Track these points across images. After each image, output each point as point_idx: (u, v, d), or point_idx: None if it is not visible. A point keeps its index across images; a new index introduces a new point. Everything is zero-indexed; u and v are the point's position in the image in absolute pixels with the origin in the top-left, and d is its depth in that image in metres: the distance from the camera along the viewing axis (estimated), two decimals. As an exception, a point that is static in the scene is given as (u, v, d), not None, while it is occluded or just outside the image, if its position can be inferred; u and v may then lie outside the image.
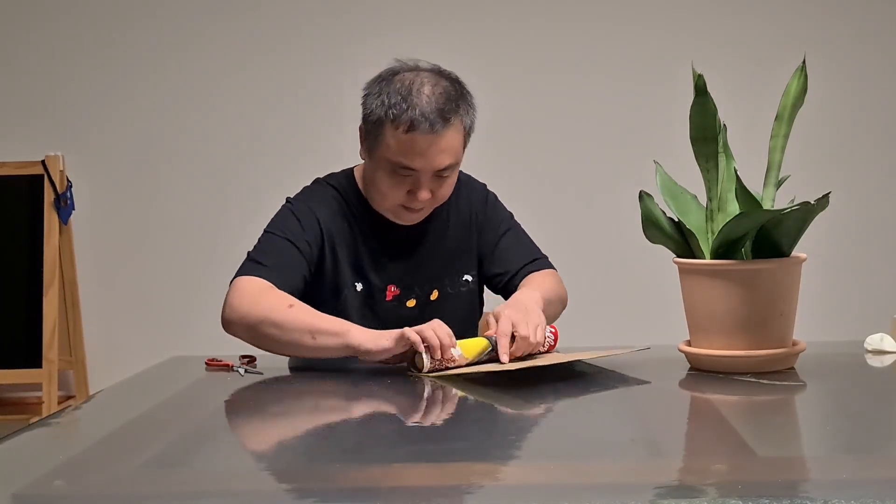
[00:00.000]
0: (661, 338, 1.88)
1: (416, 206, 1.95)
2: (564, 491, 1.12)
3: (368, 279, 2.02)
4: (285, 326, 1.81)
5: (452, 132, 1.91)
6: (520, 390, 1.60)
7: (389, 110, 1.89)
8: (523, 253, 2.14)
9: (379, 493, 1.14)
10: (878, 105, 3.54)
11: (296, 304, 1.84)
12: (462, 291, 2.10)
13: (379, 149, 1.93)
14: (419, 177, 1.92)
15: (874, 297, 3.46)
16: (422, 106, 1.88)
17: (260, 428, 1.51)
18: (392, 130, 1.89)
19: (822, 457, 1.27)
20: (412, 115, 1.87)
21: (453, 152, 1.93)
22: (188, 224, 3.59)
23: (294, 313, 1.81)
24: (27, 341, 3.42)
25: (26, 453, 1.35)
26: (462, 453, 1.29)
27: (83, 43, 3.57)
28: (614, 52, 3.54)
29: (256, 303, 1.84)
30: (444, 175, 1.94)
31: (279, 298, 1.85)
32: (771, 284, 1.62)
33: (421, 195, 1.93)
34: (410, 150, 1.89)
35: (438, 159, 1.91)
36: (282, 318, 1.81)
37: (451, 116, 1.90)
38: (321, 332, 1.79)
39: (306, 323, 1.80)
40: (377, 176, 1.96)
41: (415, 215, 2.00)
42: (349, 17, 3.54)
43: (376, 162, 1.95)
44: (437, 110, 1.88)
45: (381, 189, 1.96)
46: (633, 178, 2.19)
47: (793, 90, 1.63)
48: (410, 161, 1.90)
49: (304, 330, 1.80)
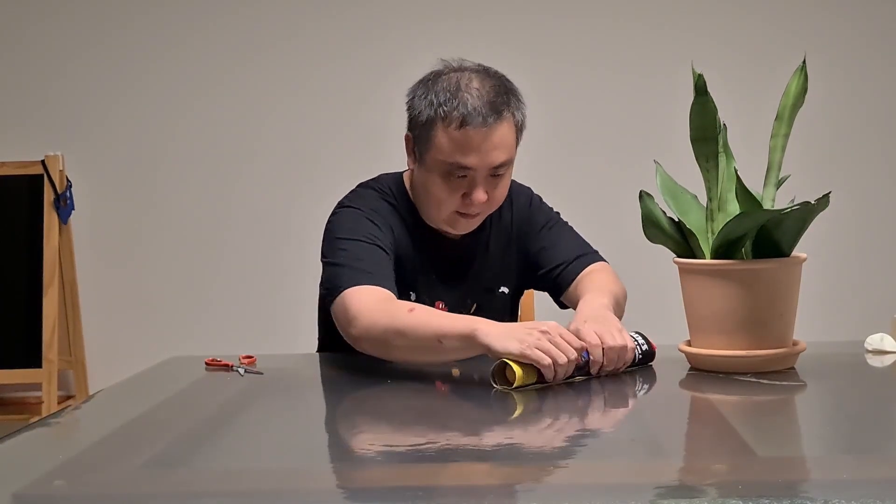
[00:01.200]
0: (661, 338, 1.88)
1: (473, 210, 1.90)
2: (564, 491, 1.12)
3: (419, 294, 1.98)
4: (410, 334, 1.71)
5: (505, 126, 1.86)
6: (520, 391, 1.60)
7: (439, 108, 1.84)
8: (571, 247, 2.07)
9: (379, 493, 1.14)
10: (878, 105, 3.54)
11: (416, 308, 1.74)
12: (497, 304, 2.06)
13: (430, 151, 1.87)
14: (475, 176, 1.86)
15: (874, 297, 3.46)
16: (472, 101, 1.83)
17: (260, 428, 1.51)
18: (443, 129, 1.84)
19: (822, 457, 1.27)
20: (463, 111, 1.82)
21: (507, 148, 1.87)
22: (188, 224, 3.59)
23: (414, 318, 1.71)
24: (27, 341, 3.42)
25: (26, 453, 1.35)
26: (462, 453, 1.29)
27: (83, 43, 3.57)
28: (614, 51, 3.54)
29: (380, 312, 1.75)
30: (500, 173, 1.88)
31: (398, 305, 1.76)
32: (771, 284, 1.62)
33: (477, 196, 1.87)
34: (464, 147, 1.83)
35: (493, 155, 1.85)
36: (404, 325, 1.71)
37: (503, 109, 1.86)
38: (447, 335, 1.67)
39: (431, 326, 1.69)
40: (430, 182, 1.90)
41: (471, 222, 1.94)
42: (350, 16, 3.53)
43: (429, 167, 1.89)
44: (488, 104, 1.83)
45: (436, 195, 1.90)
46: (633, 178, 2.19)
47: (793, 90, 1.63)
48: (465, 159, 1.84)
49: (429, 333, 1.69)
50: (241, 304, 3.57)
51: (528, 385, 1.61)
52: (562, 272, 2.05)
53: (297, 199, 3.52)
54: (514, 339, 1.60)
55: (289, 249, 3.53)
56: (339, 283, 1.82)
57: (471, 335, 1.65)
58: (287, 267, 3.53)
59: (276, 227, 3.57)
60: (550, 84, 3.54)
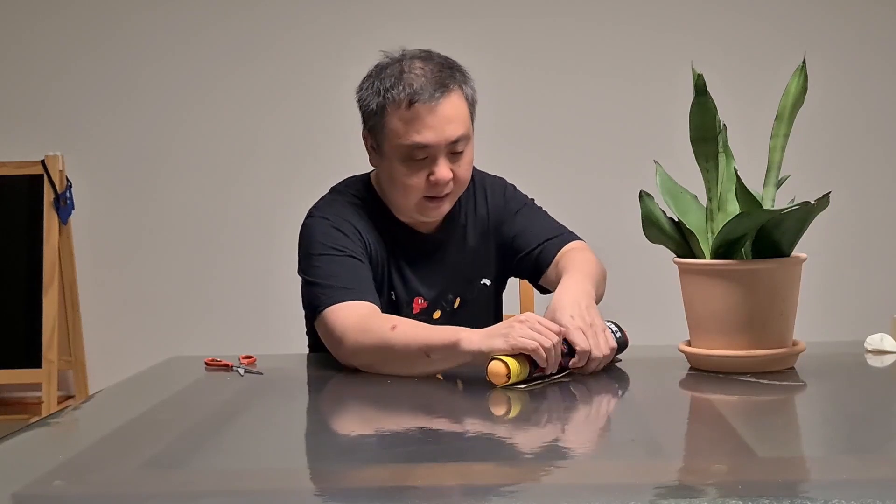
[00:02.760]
0: (662, 338, 1.88)
1: (439, 191, 1.88)
2: (564, 491, 1.12)
3: (396, 292, 1.99)
4: (396, 350, 1.71)
5: (455, 99, 1.86)
6: (520, 390, 1.60)
7: (387, 94, 1.85)
8: (546, 228, 2.07)
9: (379, 493, 1.14)
10: (878, 105, 3.54)
11: (398, 324, 1.74)
12: (481, 297, 2.07)
13: (387, 139, 1.88)
14: (435, 154, 1.86)
15: (874, 297, 3.46)
16: (417, 80, 1.84)
17: (260, 428, 1.51)
18: (394, 112, 1.85)
19: (822, 457, 1.27)
20: (409, 91, 1.83)
21: (461, 121, 1.87)
22: (188, 224, 3.59)
23: (398, 334, 1.71)
24: (27, 341, 3.42)
25: (26, 453, 1.35)
26: (462, 453, 1.29)
27: (83, 43, 3.57)
28: (614, 52, 3.54)
29: (362, 332, 1.76)
30: (459, 150, 1.88)
31: (381, 321, 1.76)
32: (771, 284, 1.62)
33: (441, 174, 1.86)
34: (418, 125, 1.83)
35: (448, 129, 1.85)
36: (390, 343, 1.72)
37: (449, 83, 1.85)
38: (433, 348, 1.68)
39: (417, 342, 1.70)
40: (393, 170, 1.89)
41: (441, 206, 1.93)
42: (350, 16, 3.53)
43: (388, 156, 1.89)
44: (433, 79, 1.84)
45: (401, 182, 1.89)
46: (633, 178, 2.19)
47: (793, 90, 1.63)
48: (420, 136, 1.84)
49: (415, 348, 1.70)
50: (241, 305, 3.57)
51: (525, 382, 1.62)
52: (540, 253, 2.04)
53: (297, 200, 3.49)
54: (499, 337, 1.62)
55: (289, 250, 3.50)
56: (318, 304, 1.83)
57: (455, 344, 1.66)
58: (287, 267, 3.51)
59: (276, 228, 3.57)
60: (550, 84, 3.54)
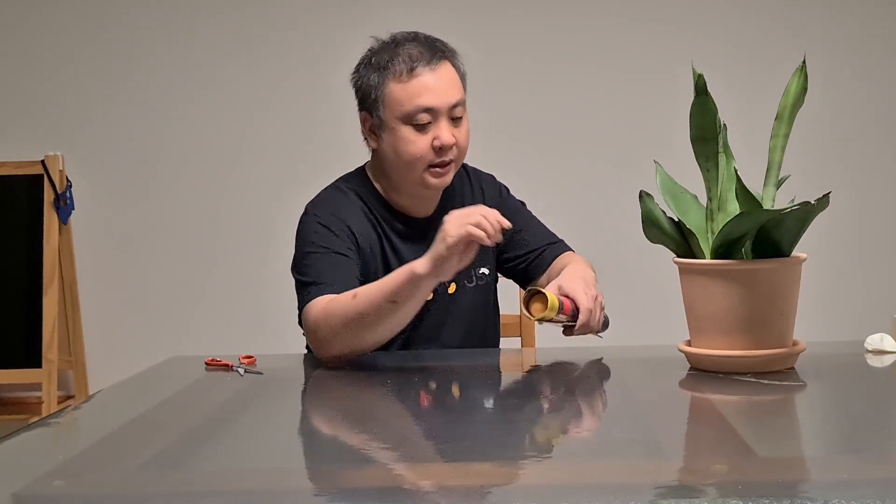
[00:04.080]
0: (661, 338, 1.88)
1: (445, 156, 1.94)
2: (564, 491, 1.12)
3: None
4: (365, 314, 1.78)
5: (450, 67, 1.96)
6: (520, 390, 1.60)
7: (386, 67, 1.93)
8: (542, 234, 2.16)
9: (379, 493, 1.14)
10: (878, 105, 3.54)
11: (358, 292, 1.81)
12: (479, 285, 2.09)
13: (390, 110, 1.94)
14: (437, 117, 1.93)
15: (874, 297, 3.46)
16: (414, 51, 1.93)
17: (260, 428, 1.51)
18: (395, 82, 1.93)
19: (822, 457, 1.27)
20: (408, 60, 1.92)
21: (458, 87, 1.96)
22: (188, 224, 3.59)
23: (361, 299, 1.79)
24: (27, 341, 3.43)
25: (26, 453, 1.35)
26: (462, 453, 1.29)
27: (83, 43, 3.57)
28: (614, 51, 3.54)
29: (327, 318, 1.82)
30: (458, 115, 1.95)
31: (342, 299, 1.82)
32: (771, 284, 1.62)
33: (445, 137, 1.92)
34: (420, 90, 1.92)
35: (448, 93, 1.93)
36: (356, 311, 1.79)
37: (443, 51, 1.96)
38: (395, 292, 1.76)
39: (378, 296, 1.77)
40: (398, 140, 1.94)
41: (445, 176, 1.97)
42: (351, 16, 3.53)
43: (391, 127, 1.95)
44: (428, 48, 1.94)
45: (407, 151, 1.94)
46: (633, 178, 2.19)
47: (793, 90, 1.63)
48: (424, 100, 1.91)
49: (381, 303, 1.77)
50: (241, 305, 3.57)
51: (555, 320, 1.82)
52: (539, 255, 2.13)
53: (297, 200, 3.49)
54: (440, 243, 1.72)
55: (289, 250, 3.50)
56: (299, 304, 1.92)
57: (411, 274, 1.75)
58: (287, 267, 3.52)
59: (276, 228, 3.56)
60: (550, 84, 3.54)
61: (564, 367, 1.94)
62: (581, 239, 3.50)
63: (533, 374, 1.96)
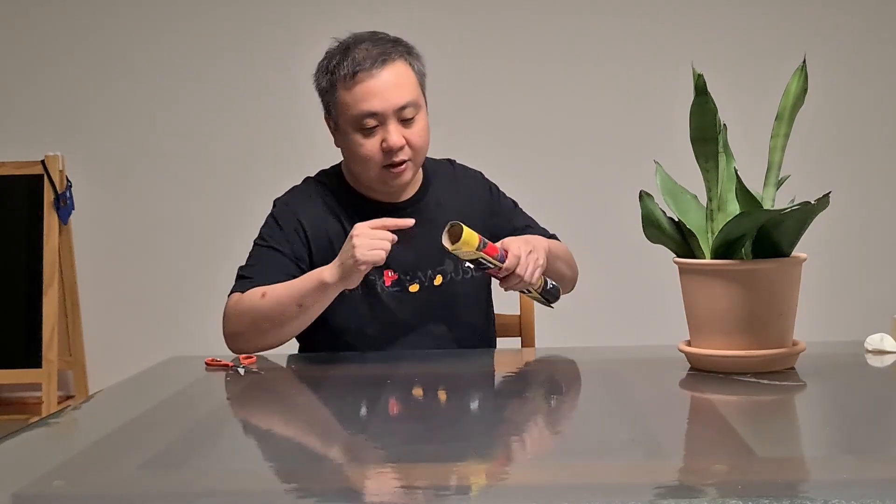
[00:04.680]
0: (661, 338, 1.88)
1: (395, 158, 1.96)
2: (564, 491, 1.12)
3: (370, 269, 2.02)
4: (271, 314, 1.90)
5: (399, 67, 1.96)
6: (519, 390, 1.60)
7: (334, 72, 1.96)
8: (540, 230, 2.18)
9: (379, 493, 1.14)
10: (878, 104, 3.54)
11: (267, 291, 1.91)
12: (467, 279, 2.09)
13: (341, 115, 1.97)
14: (385, 121, 1.94)
15: (874, 297, 3.46)
16: (360, 55, 1.94)
17: (260, 428, 1.51)
18: (342, 88, 1.95)
19: (822, 457, 1.27)
20: (353, 65, 1.93)
21: (408, 88, 1.96)
22: (188, 224, 3.59)
23: (269, 300, 1.90)
24: (27, 341, 3.42)
25: (26, 453, 1.35)
26: (462, 453, 1.29)
27: (83, 43, 3.57)
28: (614, 51, 3.54)
29: (238, 314, 1.94)
30: (409, 116, 1.95)
31: (252, 296, 1.92)
32: (771, 284, 1.62)
33: (393, 140, 1.93)
34: (364, 94, 1.93)
35: (393, 95, 1.93)
36: (263, 310, 1.90)
37: (391, 53, 1.96)
38: (301, 297, 1.88)
39: (285, 299, 1.89)
40: (351, 144, 1.99)
41: (401, 175, 1.99)
42: (350, 15, 3.53)
43: (344, 130, 1.99)
44: (375, 52, 1.95)
45: (359, 155, 1.98)
46: (633, 178, 2.19)
47: (793, 90, 1.63)
48: (367, 104, 1.93)
49: (288, 305, 1.89)
50: (241, 304, 3.57)
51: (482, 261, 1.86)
52: None
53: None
54: (349, 259, 1.82)
55: (289, 249, 3.52)
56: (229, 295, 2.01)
57: (321, 283, 1.86)
58: (287, 267, 3.52)
59: (276, 227, 3.57)
60: (550, 84, 3.54)
61: (564, 366, 1.94)
62: (581, 239, 3.51)
63: (533, 374, 1.96)
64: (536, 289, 1.98)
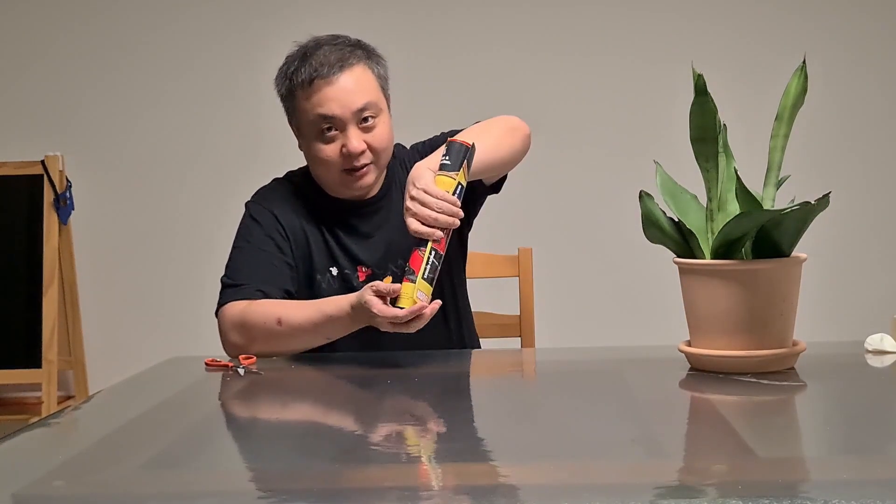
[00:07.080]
0: (661, 338, 1.88)
1: (356, 162, 1.95)
2: (564, 491, 1.12)
3: (339, 264, 2.02)
4: (292, 343, 1.88)
5: (357, 71, 1.95)
6: (519, 390, 1.60)
7: (292, 78, 1.96)
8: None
9: (379, 493, 1.14)
10: (878, 105, 3.55)
11: (283, 317, 1.85)
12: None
13: (301, 121, 1.97)
14: (344, 126, 1.93)
15: (874, 297, 3.46)
16: (318, 59, 1.93)
17: (260, 428, 1.51)
18: (301, 93, 1.95)
19: (822, 457, 1.27)
20: (310, 70, 1.93)
21: (365, 91, 1.94)
22: (188, 224, 3.59)
23: (286, 329, 1.85)
24: (27, 341, 3.42)
25: (26, 453, 1.35)
26: (462, 453, 1.29)
27: (83, 43, 3.57)
28: (614, 51, 3.54)
29: (244, 328, 1.88)
30: (368, 120, 1.94)
31: (264, 316, 1.87)
32: (771, 284, 1.62)
33: (352, 146, 1.92)
34: (321, 99, 1.92)
35: (351, 100, 1.92)
36: (283, 339, 1.87)
37: (349, 58, 1.94)
38: (326, 332, 1.85)
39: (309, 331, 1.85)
40: (311, 149, 1.98)
41: (363, 179, 1.98)
42: (350, 15, 3.53)
43: (305, 136, 1.98)
44: (332, 57, 1.93)
45: (319, 159, 1.97)
46: (633, 178, 2.19)
47: (793, 90, 1.63)
48: (325, 109, 1.92)
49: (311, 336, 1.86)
50: (241, 304, 3.57)
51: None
52: None
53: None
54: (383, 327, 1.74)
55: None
56: (218, 302, 1.95)
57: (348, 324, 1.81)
58: (287, 267, 3.52)
59: (276, 227, 3.57)
60: (550, 83, 3.54)
61: (564, 366, 1.94)
62: (581, 239, 3.52)
63: (532, 374, 1.96)
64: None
